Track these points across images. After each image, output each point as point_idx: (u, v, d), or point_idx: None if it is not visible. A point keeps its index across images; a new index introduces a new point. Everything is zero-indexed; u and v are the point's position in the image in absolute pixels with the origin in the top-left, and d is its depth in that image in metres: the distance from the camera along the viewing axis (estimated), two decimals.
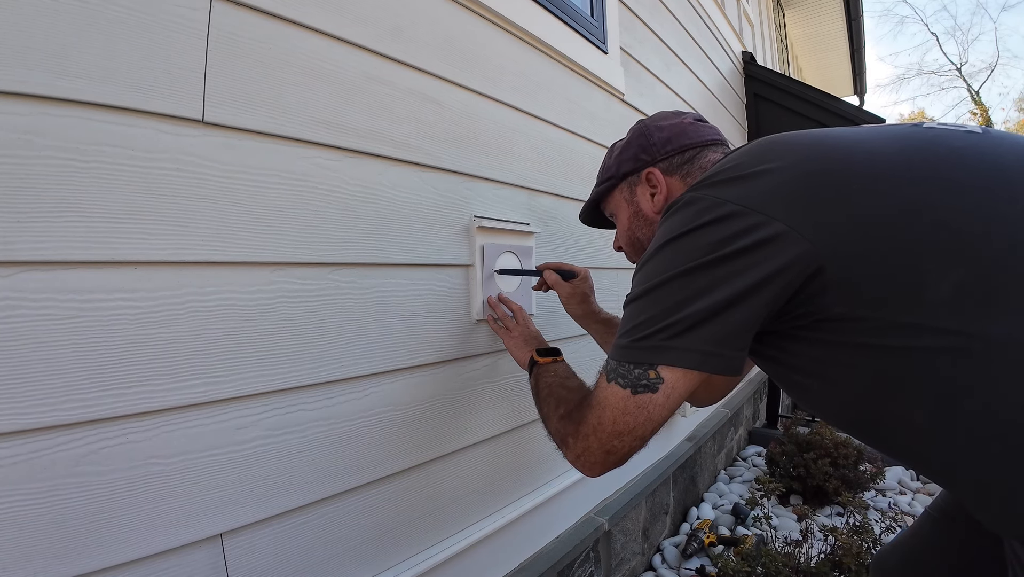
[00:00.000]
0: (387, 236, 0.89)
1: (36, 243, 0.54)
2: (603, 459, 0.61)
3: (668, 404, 0.56)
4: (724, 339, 0.53)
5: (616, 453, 0.60)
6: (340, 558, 0.84)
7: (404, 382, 0.93)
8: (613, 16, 1.62)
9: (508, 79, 1.17)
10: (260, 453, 0.73)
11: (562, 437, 0.69)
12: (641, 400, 0.56)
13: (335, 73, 0.81)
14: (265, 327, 0.73)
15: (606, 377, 0.60)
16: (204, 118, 0.66)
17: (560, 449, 0.70)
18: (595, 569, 1.47)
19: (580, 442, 0.63)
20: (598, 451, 0.61)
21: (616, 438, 0.59)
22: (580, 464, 0.65)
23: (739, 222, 0.52)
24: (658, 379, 0.55)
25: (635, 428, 0.57)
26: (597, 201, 0.93)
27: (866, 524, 1.58)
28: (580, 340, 1.43)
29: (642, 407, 0.56)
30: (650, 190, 0.80)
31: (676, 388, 0.56)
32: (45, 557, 0.55)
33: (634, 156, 0.81)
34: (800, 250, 0.49)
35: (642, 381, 0.56)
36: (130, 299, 0.60)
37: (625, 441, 0.58)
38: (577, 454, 0.64)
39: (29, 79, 0.53)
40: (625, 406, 0.57)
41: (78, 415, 0.57)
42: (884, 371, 0.51)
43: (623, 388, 0.57)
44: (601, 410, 0.59)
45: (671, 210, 0.60)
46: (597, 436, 0.60)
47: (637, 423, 0.57)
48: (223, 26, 0.68)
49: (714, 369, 0.54)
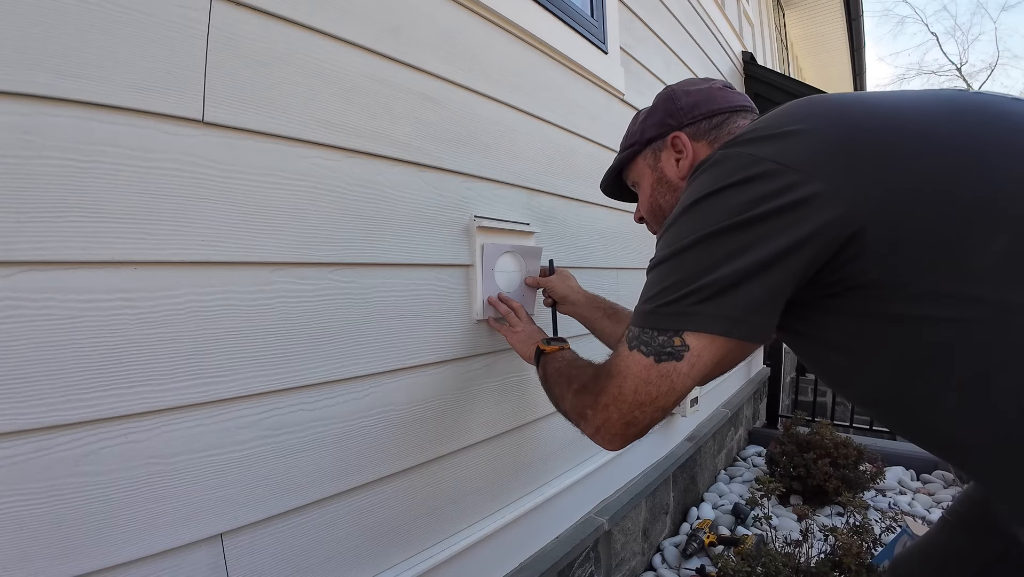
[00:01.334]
0: (387, 236, 0.89)
1: (36, 243, 0.54)
2: (623, 431, 0.58)
3: (692, 374, 0.53)
4: (755, 305, 0.50)
5: (636, 425, 0.57)
6: (340, 558, 0.84)
7: (404, 382, 0.93)
8: (613, 16, 1.62)
9: (508, 79, 1.17)
10: (260, 453, 0.73)
11: (579, 411, 0.65)
12: (665, 369, 0.53)
13: (335, 73, 0.81)
14: (265, 327, 0.73)
15: (627, 344, 0.57)
16: (204, 118, 0.66)
17: (578, 424, 0.67)
18: (595, 569, 1.47)
19: (600, 413, 0.60)
20: (618, 422, 0.58)
21: (637, 409, 0.56)
22: (600, 437, 0.62)
23: (774, 181, 0.48)
24: (683, 347, 0.52)
25: (657, 398, 0.54)
26: (619, 169, 0.89)
27: (866, 524, 1.58)
28: (581, 340, 1.43)
29: (665, 376, 0.53)
30: (675, 155, 0.76)
31: (702, 357, 0.52)
32: (45, 557, 0.55)
33: (660, 121, 0.78)
34: (838, 212, 0.46)
35: (666, 349, 0.53)
36: (130, 299, 0.60)
37: (646, 412, 0.56)
38: (596, 427, 0.61)
39: (29, 79, 0.53)
40: (647, 375, 0.54)
41: (78, 415, 0.57)
42: (916, 343, 0.47)
43: (646, 356, 0.54)
44: (622, 379, 0.56)
45: (700, 169, 0.56)
46: (618, 407, 0.57)
47: (660, 393, 0.54)
48: (223, 26, 0.68)
49: (743, 336, 0.51)
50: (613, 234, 1.60)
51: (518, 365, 1.20)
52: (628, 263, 1.69)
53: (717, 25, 2.85)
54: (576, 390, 0.67)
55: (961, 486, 2.39)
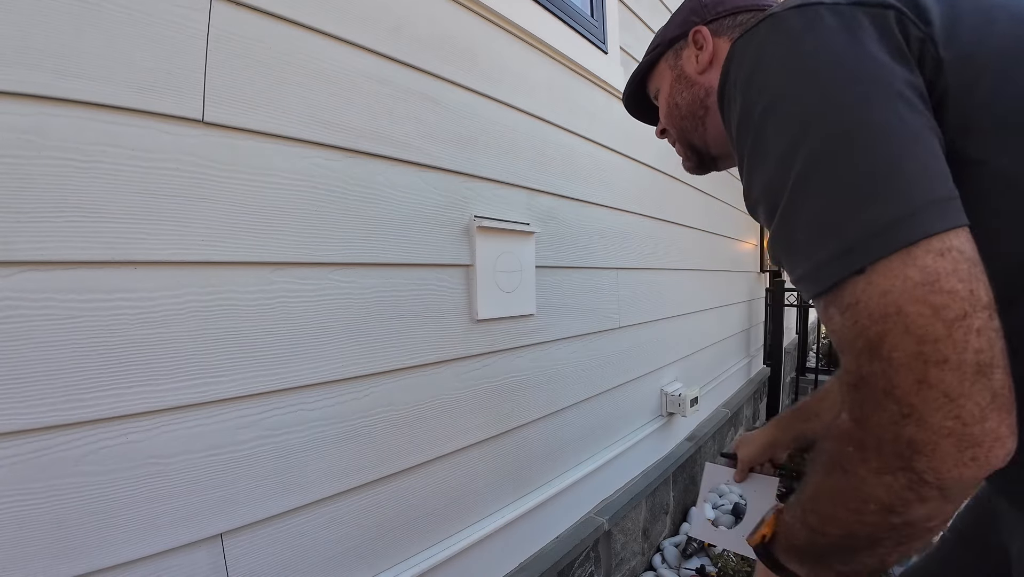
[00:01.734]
0: (387, 236, 0.89)
1: (36, 243, 0.54)
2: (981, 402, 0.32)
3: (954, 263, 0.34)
4: (934, 179, 0.35)
5: (980, 373, 0.32)
6: (340, 558, 0.84)
7: (404, 382, 0.93)
8: (613, 16, 1.62)
9: (508, 79, 1.17)
10: (260, 453, 0.73)
11: (906, 445, 0.34)
12: (935, 270, 0.33)
13: (335, 73, 0.81)
14: (265, 327, 0.73)
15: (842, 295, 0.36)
16: (204, 118, 0.66)
17: (913, 484, 0.35)
18: (595, 569, 1.47)
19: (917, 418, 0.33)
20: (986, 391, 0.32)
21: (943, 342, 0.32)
22: (973, 451, 0.33)
23: (863, 18, 0.38)
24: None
25: (967, 298, 0.33)
26: (643, 78, 0.80)
27: None
28: (583, 339, 1.43)
29: (952, 272, 0.33)
30: (695, 51, 0.69)
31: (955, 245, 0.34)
32: (45, 557, 0.55)
33: (683, 20, 0.72)
34: (932, 51, 0.38)
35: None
36: (130, 299, 0.60)
37: (971, 322, 0.32)
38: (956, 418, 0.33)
39: (29, 79, 0.53)
40: (926, 291, 0.33)
41: (78, 415, 0.57)
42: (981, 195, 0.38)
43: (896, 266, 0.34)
44: (895, 326, 0.34)
45: (747, 44, 0.44)
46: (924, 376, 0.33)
47: (962, 289, 0.33)
48: (223, 26, 0.68)
49: (956, 217, 0.35)
50: (613, 234, 1.60)
51: (518, 365, 1.20)
52: (628, 263, 1.69)
53: None
54: (869, 447, 0.37)
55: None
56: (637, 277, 1.75)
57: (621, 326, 1.63)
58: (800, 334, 4.48)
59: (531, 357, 1.24)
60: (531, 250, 1.21)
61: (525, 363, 1.22)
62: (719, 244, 2.69)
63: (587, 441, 1.49)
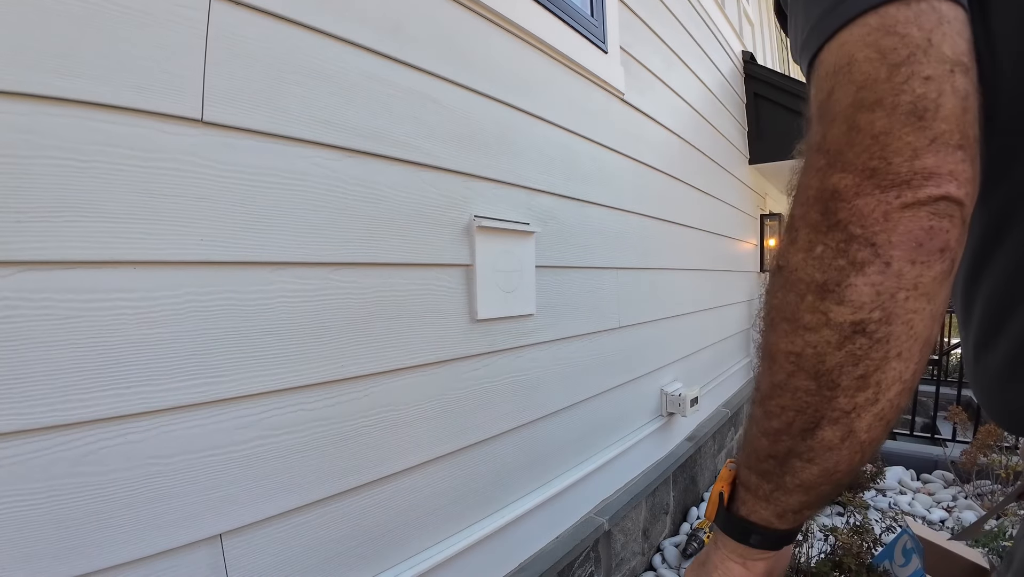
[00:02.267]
0: (387, 236, 0.89)
1: (35, 243, 0.54)
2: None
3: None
4: None
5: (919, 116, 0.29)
6: (340, 558, 0.84)
7: (404, 382, 0.93)
8: (613, 15, 1.62)
9: (508, 79, 1.17)
10: (260, 453, 0.73)
11: (822, 210, 0.32)
12: (895, 17, 0.30)
13: (335, 72, 0.81)
14: (265, 327, 0.73)
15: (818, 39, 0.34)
16: (203, 117, 0.66)
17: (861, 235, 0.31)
18: (595, 569, 1.46)
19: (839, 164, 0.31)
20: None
21: (890, 81, 0.30)
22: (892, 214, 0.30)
23: None
24: None
25: (921, 44, 0.30)
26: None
27: (866, 524, 1.58)
28: (584, 339, 1.43)
29: (912, 20, 0.30)
30: None
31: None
32: (45, 557, 0.55)
33: None
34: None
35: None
36: (129, 299, 0.60)
37: (918, 66, 0.30)
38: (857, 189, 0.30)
39: (29, 79, 0.53)
40: (879, 34, 0.30)
41: (77, 415, 0.57)
42: None
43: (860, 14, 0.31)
44: (842, 77, 0.32)
45: None
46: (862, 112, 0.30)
47: (917, 34, 0.30)
48: (222, 25, 0.67)
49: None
50: (613, 234, 1.60)
51: (518, 365, 1.20)
52: (628, 263, 1.69)
53: (717, 25, 2.85)
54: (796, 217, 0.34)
55: (961, 487, 2.39)
56: (637, 277, 1.75)
57: (621, 326, 1.63)
58: None
59: (531, 357, 1.24)
60: (531, 250, 1.21)
61: (525, 363, 1.22)
62: (719, 244, 2.69)
63: (587, 441, 1.49)
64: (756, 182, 3.54)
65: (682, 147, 2.19)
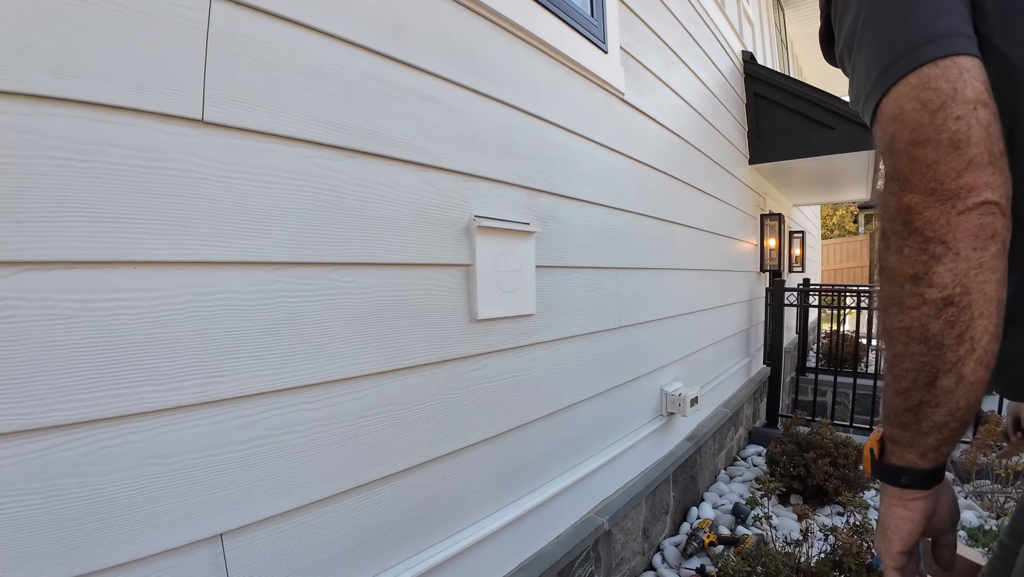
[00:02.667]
0: (387, 236, 0.89)
1: (36, 243, 0.54)
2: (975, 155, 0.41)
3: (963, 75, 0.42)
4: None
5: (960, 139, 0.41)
6: (340, 558, 0.84)
7: (404, 382, 0.93)
8: (613, 15, 1.62)
9: (508, 79, 1.17)
10: (260, 453, 0.73)
11: (905, 225, 0.44)
12: (928, 75, 0.42)
13: (335, 72, 0.81)
14: (265, 327, 0.73)
15: (881, 87, 0.45)
16: (204, 117, 0.66)
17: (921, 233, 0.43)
18: (595, 569, 1.47)
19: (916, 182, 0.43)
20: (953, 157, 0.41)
21: (937, 117, 0.42)
22: (956, 212, 0.42)
23: None
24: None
25: (950, 93, 0.42)
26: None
27: (866, 524, 1.58)
28: (584, 339, 1.43)
29: (941, 76, 0.42)
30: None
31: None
32: (45, 557, 0.55)
33: None
34: None
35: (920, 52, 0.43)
36: (129, 299, 0.60)
37: (950, 110, 0.42)
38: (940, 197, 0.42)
39: (29, 79, 0.53)
40: (919, 89, 0.43)
41: (77, 415, 0.57)
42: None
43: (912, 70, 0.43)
44: (899, 123, 0.44)
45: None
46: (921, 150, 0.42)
47: (946, 87, 0.42)
48: (223, 25, 0.67)
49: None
50: (613, 234, 1.60)
51: (518, 365, 1.20)
52: (628, 263, 1.69)
53: (717, 24, 2.85)
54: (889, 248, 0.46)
55: (961, 486, 2.39)
56: (637, 277, 1.75)
57: (621, 326, 1.63)
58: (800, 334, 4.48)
59: (531, 357, 1.24)
60: (531, 250, 1.21)
61: (525, 363, 1.22)
62: (719, 244, 2.69)
63: (587, 441, 1.49)
64: (756, 182, 3.54)
65: (682, 147, 2.19)
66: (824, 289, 4.17)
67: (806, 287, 3.92)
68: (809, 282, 4.82)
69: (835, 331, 4.50)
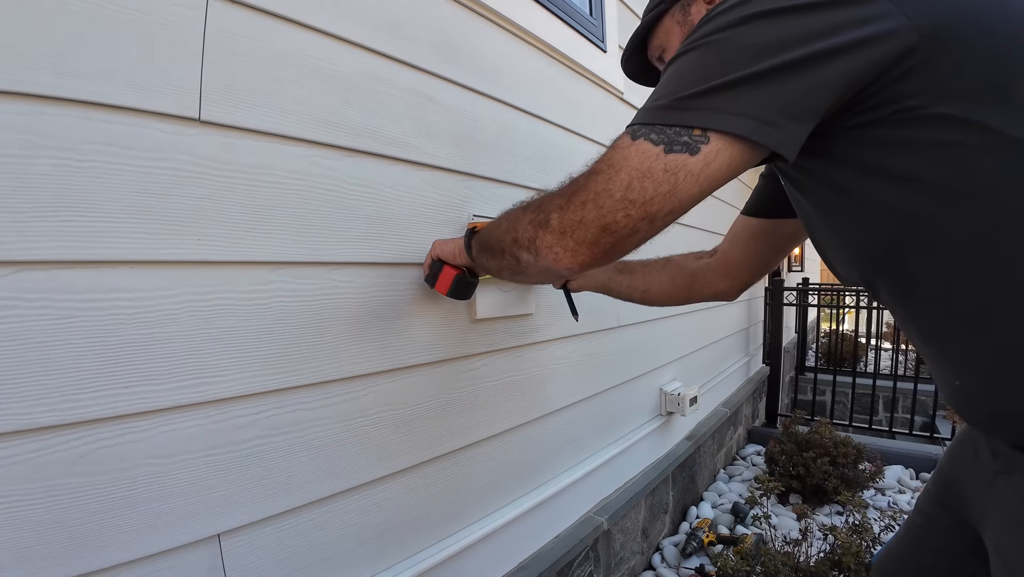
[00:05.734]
0: (386, 235, 0.89)
1: (34, 243, 0.54)
2: (595, 238, 0.48)
3: (703, 176, 0.45)
4: (789, 108, 0.44)
5: (614, 232, 0.47)
6: (339, 558, 0.84)
7: (403, 382, 0.93)
8: (612, 14, 1.62)
9: (507, 78, 1.17)
10: (258, 453, 0.73)
11: (541, 219, 0.53)
12: (673, 163, 0.45)
13: (333, 71, 0.81)
14: (263, 326, 0.73)
15: (629, 136, 0.48)
16: (201, 117, 0.65)
17: (531, 243, 0.54)
18: (594, 568, 1.47)
19: (569, 214, 0.49)
20: (593, 225, 0.47)
21: (622, 210, 0.46)
22: (561, 246, 0.50)
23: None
24: (703, 137, 0.44)
25: (652, 200, 0.45)
26: (644, 36, 0.79)
27: (865, 523, 1.58)
28: (583, 339, 1.43)
29: (671, 172, 0.45)
30: (707, 5, 0.69)
31: (720, 156, 0.45)
32: (43, 558, 0.55)
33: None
34: (897, 23, 0.42)
35: (681, 138, 0.45)
36: (127, 299, 0.60)
37: (631, 216, 0.46)
38: (562, 230, 0.50)
39: (27, 78, 0.52)
40: (650, 167, 0.45)
41: (75, 415, 0.57)
42: (942, 178, 0.45)
43: (655, 145, 0.45)
44: (613, 172, 0.47)
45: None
46: (598, 204, 0.47)
47: (657, 193, 0.45)
48: (220, 24, 0.67)
49: (769, 141, 0.44)
50: None
51: (517, 364, 1.20)
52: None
53: None
54: (535, 207, 0.55)
55: None
56: None
57: (620, 325, 1.63)
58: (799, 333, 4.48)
59: (530, 356, 1.24)
60: None
61: (524, 362, 1.22)
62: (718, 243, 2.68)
63: (586, 440, 1.49)
64: (755, 182, 3.54)
65: None
66: (823, 288, 4.18)
67: (805, 286, 3.92)
68: (808, 281, 4.82)
69: (834, 330, 4.51)
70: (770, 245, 0.90)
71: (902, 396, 3.52)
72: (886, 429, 2.98)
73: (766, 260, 0.92)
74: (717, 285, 0.96)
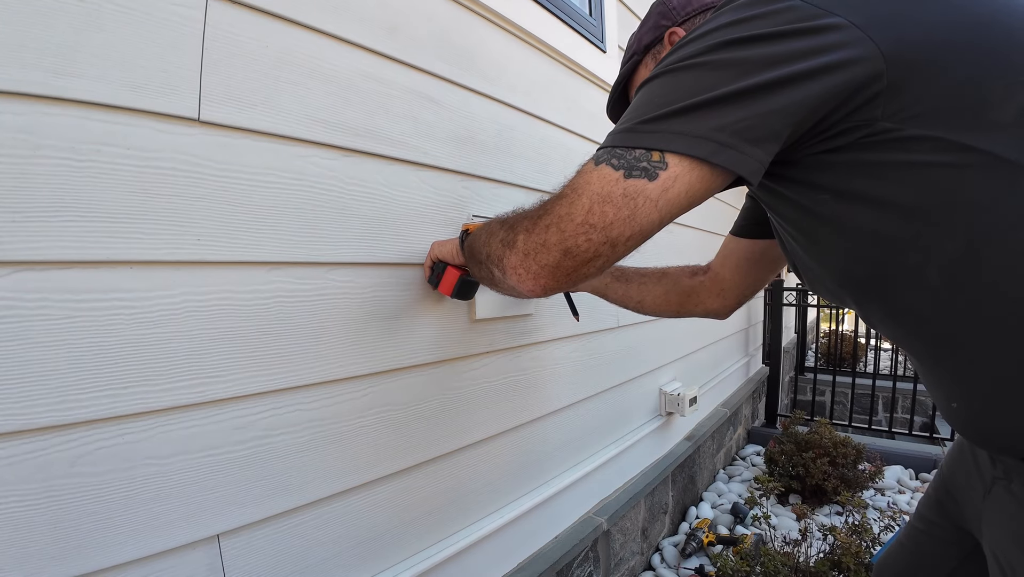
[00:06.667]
0: (385, 235, 0.89)
1: (32, 243, 0.53)
2: (556, 261, 0.49)
3: (661, 202, 0.46)
4: (747, 130, 0.44)
5: (575, 256, 0.48)
6: (338, 558, 0.83)
7: (402, 382, 0.93)
8: (611, 15, 1.62)
9: (506, 78, 1.17)
10: (257, 453, 0.73)
11: (509, 239, 0.54)
12: (632, 188, 0.45)
13: (332, 72, 0.81)
14: (262, 327, 0.73)
15: (593, 162, 0.49)
16: (200, 117, 0.65)
17: (500, 261, 0.56)
18: (594, 569, 1.47)
19: (534, 237, 0.50)
20: (555, 248, 0.49)
21: (583, 233, 0.47)
22: (524, 268, 0.52)
23: (795, 12, 0.44)
24: (661, 163, 0.45)
25: (612, 225, 0.46)
26: (623, 86, 0.85)
27: (865, 523, 1.58)
28: (582, 339, 1.43)
29: (630, 197, 0.45)
30: None
31: (678, 182, 0.45)
32: (41, 558, 0.55)
33: (654, 25, 0.76)
34: (862, 51, 0.42)
35: (640, 163, 0.46)
36: (126, 299, 0.60)
37: (592, 240, 0.47)
38: (525, 253, 0.51)
39: (26, 78, 0.52)
40: (610, 192, 0.46)
41: (74, 415, 0.56)
42: (918, 199, 0.45)
43: (615, 170, 0.46)
44: (576, 196, 0.48)
45: (700, 26, 0.50)
46: (560, 228, 0.48)
47: (617, 218, 0.46)
48: (219, 24, 0.67)
49: (728, 163, 0.44)
50: None
51: (517, 364, 1.20)
52: (627, 262, 1.68)
53: None
54: (510, 224, 0.56)
55: None
56: None
57: (620, 325, 1.63)
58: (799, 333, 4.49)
59: (530, 357, 1.24)
60: None
61: (524, 363, 1.22)
62: (719, 244, 2.68)
63: (586, 441, 1.49)
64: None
65: None
66: None
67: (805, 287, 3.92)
68: None
69: (834, 331, 4.51)
70: (759, 266, 0.90)
71: (902, 396, 3.52)
72: (886, 429, 2.98)
73: (756, 280, 0.92)
74: (709, 304, 0.97)
